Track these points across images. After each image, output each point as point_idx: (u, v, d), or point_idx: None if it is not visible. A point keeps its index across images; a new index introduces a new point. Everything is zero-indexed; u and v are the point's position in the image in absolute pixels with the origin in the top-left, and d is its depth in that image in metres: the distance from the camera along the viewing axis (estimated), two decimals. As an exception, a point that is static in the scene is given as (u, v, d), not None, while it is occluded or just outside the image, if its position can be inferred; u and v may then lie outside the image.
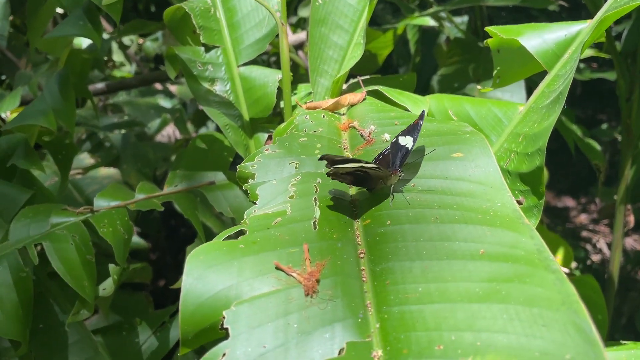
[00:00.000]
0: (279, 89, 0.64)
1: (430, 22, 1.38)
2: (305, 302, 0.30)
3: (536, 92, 0.53)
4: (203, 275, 0.31)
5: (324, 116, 0.52)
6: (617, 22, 1.56)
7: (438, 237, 0.34)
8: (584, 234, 2.14)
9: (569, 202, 2.35)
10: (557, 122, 1.46)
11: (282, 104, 0.65)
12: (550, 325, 0.26)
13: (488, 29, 0.58)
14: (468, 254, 0.32)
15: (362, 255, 0.35)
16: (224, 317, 0.29)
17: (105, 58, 1.68)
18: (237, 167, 0.43)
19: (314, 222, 0.36)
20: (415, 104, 0.57)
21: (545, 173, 1.29)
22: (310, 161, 0.43)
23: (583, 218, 2.25)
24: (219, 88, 0.66)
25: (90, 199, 0.96)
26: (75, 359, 0.67)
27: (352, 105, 0.55)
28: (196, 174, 0.71)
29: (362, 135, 0.48)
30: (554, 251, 1.15)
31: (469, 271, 0.30)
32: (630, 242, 2.09)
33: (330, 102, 0.55)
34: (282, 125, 0.54)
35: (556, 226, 2.10)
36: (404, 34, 1.63)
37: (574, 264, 1.78)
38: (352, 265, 0.34)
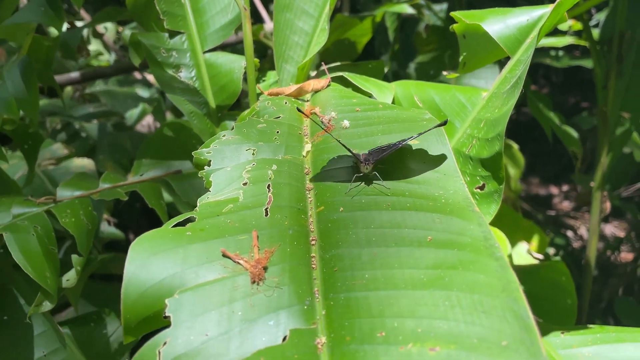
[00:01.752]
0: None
1: (407, 9, 1.37)
2: (251, 289, 0.30)
3: (499, 78, 0.53)
4: (146, 262, 0.30)
5: (286, 102, 0.52)
6: (598, 9, 1.56)
7: (388, 224, 0.33)
8: (566, 221, 2.16)
9: (552, 189, 2.37)
10: (535, 109, 1.47)
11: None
12: (489, 312, 0.26)
13: (453, 14, 0.57)
14: (416, 241, 0.31)
15: (313, 242, 0.34)
16: (166, 306, 0.29)
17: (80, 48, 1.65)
18: (193, 153, 0.42)
19: (265, 209, 0.36)
20: (381, 90, 0.57)
21: (522, 159, 1.30)
22: (267, 147, 0.43)
23: (565, 205, 2.27)
24: (183, 75, 0.65)
25: (64, 190, 0.94)
26: (42, 350, 0.66)
27: (316, 92, 0.55)
28: (163, 162, 0.70)
29: (322, 122, 0.47)
30: (528, 238, 1.16)
31: (415, 258, 0.30)
32: (610, 228, 2.11)
33: (293, 88, 0.54)
34: (245, 112, 0.54)
35: (537, 213, 2.12)
36: (383, 22, 1.62)
37: (552, 251, 1.80)
38: (303, 252, 0.33)
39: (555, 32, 1.46)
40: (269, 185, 0.38)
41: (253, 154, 0.42)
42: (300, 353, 0.27)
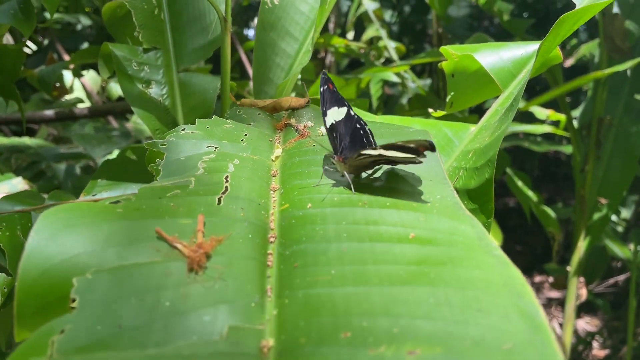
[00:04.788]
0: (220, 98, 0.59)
1: (392, 77, 1.38)
2: (186, 278, 0.24)
3: (489, 112, 0.49)
4: (58, 234, 0.24)
5: (259, 114, 0.47)
6: (575, 105, 1.60)
7: (363, 220, 0.28)
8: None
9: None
10: (514, 187, 1.45)
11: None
12: (488, 310, 0.20)
13: (443, 48, 0.55)
14: (395, 237, 0.26)
15: (272, 240, 0.29)
16: (74, 286, 0.22)
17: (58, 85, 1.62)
18: (145, 144, 0.36)
19: (219, 198, 0.30)
20: (364, 117, 0.53)
21: (500, 234, 1.26)
22: (232, 147, 0.38)
23: (538, 296, 2.23)
24: (154, 91, 0.60)
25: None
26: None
27: (293, 110, 0.51)
28: (119, 185, 0.64)
29: (296, 130, 0.43)
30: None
31: (394, 254, 0.24)
32: (581, 323, 2.07)
33: (269, 101, 0.50)
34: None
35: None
36: (367, 89, 1.63)
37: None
38: (258, 247, 0.27)
39: (533, 120, 1.49)
40: (227, 176, 0.33)
41: (214, 151, 0.37)
42: (239, 356, 0.21)
